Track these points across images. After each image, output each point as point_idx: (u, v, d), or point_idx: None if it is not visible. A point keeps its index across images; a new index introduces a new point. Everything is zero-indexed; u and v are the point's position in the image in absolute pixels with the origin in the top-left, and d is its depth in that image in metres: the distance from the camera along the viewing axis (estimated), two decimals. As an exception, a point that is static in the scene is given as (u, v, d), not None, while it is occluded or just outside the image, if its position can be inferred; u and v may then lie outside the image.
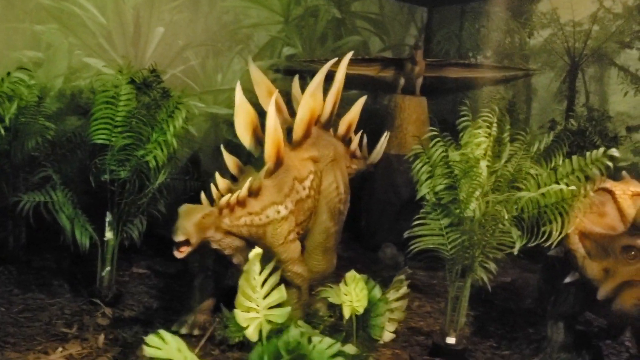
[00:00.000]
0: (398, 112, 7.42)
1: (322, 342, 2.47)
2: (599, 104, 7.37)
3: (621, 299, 3.63)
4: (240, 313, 2.36)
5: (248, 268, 2.40)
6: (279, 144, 4.16)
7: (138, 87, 4.92)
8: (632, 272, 3.55)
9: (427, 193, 4.25)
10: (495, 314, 5.68)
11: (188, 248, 3.66)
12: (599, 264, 3.79)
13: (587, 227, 3.91)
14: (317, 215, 4.65)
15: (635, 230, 3.56)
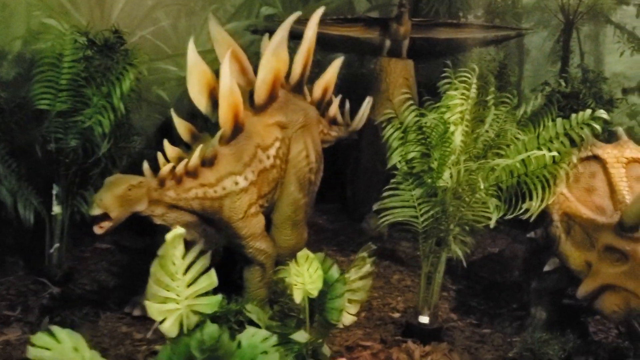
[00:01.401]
0: (383, 76, 7.01)
1: (256, 336, 2.16)
2: (594, 65, 6.96)
3: (602, 302, 3.30)
4: (154, 305, 2.03)
5: (163, 252, 2.06)
6: (236, 107, 3.78)
7: (99, 49, 4.54)
8: (614, 276, 3.21)
9: (399, 161, 3.90)
10: (480, 287, 5.39)
11: (109, 223, 3.31)
12: (581, 255, 3.44)
13: (572, 207, 3.53)
14: (285, 187, 4.30)
15: (622, 231, 3.17)
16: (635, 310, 3.10)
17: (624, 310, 3.17)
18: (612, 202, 3.41)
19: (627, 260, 3.15)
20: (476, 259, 6.30)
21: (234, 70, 4.33)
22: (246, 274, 4.05)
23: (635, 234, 3.11)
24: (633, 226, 3.09)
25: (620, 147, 3.69)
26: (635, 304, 3.09)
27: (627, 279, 3.14)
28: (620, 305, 3.19)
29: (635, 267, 3.11)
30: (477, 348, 4.03)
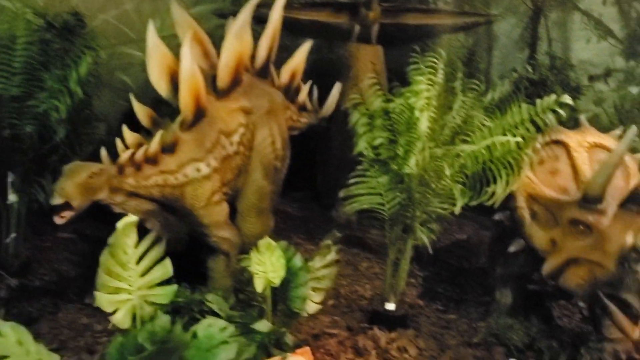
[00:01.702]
0: (352, 62, 6.94)
1: (212, 326, 2.10)
2: (562, 52, 6.99)
3: (566, 277, 3.31)
4: (104, 295, 1.95)
5: (114, 241, 1.98)
6: (197, 92, 3.67)
7: (59, 32, 4.37)
8: (578, 249, 3.22)
9: (365, 148, 3.85)
10: (447, 274, 5.40)
11: (70, 213, 3.21)
12: (546, 234, 3.45)
13: (537, 189, 3.54)
14: (250, 174, 4.21)
15: (585, 203, 3.18)
16: (600, 279, 3.11)
17: (588, 282, 3.18)
18: (576, 183, 3.43)
19: (591, 232, 3.18)
20: (443, 245, 6.31)
21: (196, 53, 4.22)
22: (210, 263, 3.98)
23: (599, 205, 3.13)
24: (596, 197, 3.13)
25: (582, 132, 3.73)
26: (600, 274, 3.11)
27: (591, 250, 3.17)
28: (584, 277, 3.20)
29: (598, 238, 3.14)
30: (443, 334, 4.03)
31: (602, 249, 3.10)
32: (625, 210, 3.10)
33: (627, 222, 3.08)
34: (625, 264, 2.99)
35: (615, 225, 3.09)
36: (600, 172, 3.08)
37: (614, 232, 3.08)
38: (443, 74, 4.00)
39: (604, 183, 3.08)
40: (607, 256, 3.07)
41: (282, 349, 2.84)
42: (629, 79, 6.58)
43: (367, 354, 3.65)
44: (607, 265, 3.07)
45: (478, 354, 3.72)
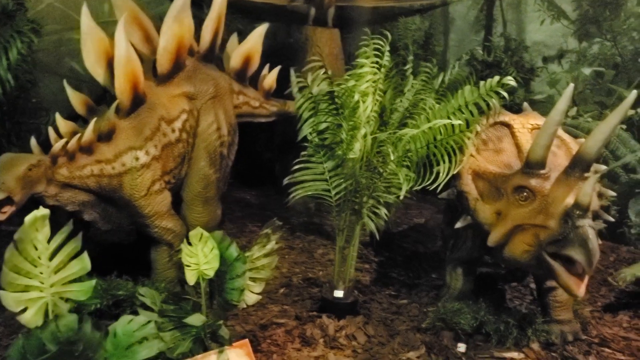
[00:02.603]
0: (309, 45, 6.83)
1: (132, 323, 2.00)
2: (516, 34, 6.99)
3: (512, 245, 3.28)
4: (9, 294, 1.84)
5: (20, 236, 1.86)
6: (134, 77, 3.53)
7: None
8: (523, 215, 3.19)
9: (310, 133, 3.76)
10: (402, 258, 5.37)
11: (11, 208, 3.06)
12: (491, 207, 3.43)
13: (481, 166, 3.53)
14: (195, 161, 4.09)
15: (528, 169, 3.18)
16: (545, 240, 3.08)
17: (534, 246, 3.15)
18: (519, 160, 3.43)
19: (534, 197, 3.17)
20: (401, 230, 6.30)
21: (136, 37, 4.08)
22: (153, 255, 3.87)
23: (541, 170, 3.13)
24: (538, 162, 3.13)
25: (525, 116, 3.75)
26: (544, 235, 3.08)
27: (535, 214, 3.14)
28: (530, 243, 3.17)
29: (541, 202, 3.13)
30: (393, 319, 3.99)
31: (547, 212, 3.08)
32: (568, 175, 3.08)
33: (569, 186, 3.07)
34: (569, 220, 2.97)
35: (558, 189, 3.08)
36: (540, 136, 3.08)
37: (557, 195, 3.06)
38: (389, 56, 3.93)
39: (546, 145, 3.08)
40: (552, 217, 3.05)
41: (219, 342, 2.76)
42: (581, 59, 6.61)
43: (315, 343, 3.59)
44: (551, 226, 3.04)
45: (427, 339, 3.69)
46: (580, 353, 3.65)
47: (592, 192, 2.98)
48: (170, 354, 2.66)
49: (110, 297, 3.57)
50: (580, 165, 3.05)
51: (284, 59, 6.35)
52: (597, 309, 4.42)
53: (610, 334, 4.01)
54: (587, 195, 2.89)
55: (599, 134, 2.97)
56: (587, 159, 3.03)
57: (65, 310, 1.98)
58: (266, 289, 4.35)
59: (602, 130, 2.97)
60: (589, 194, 2.90)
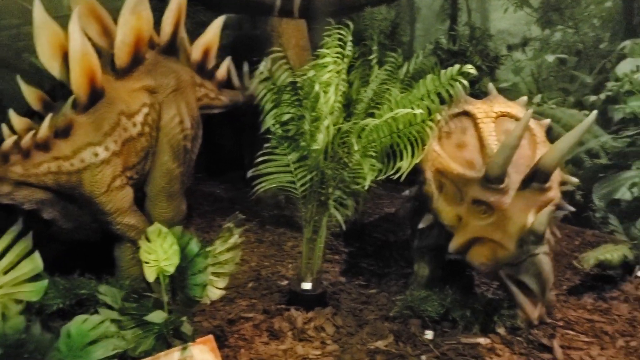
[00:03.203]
0: (275, 37, 6.78)
1: (86, 323, 1.95)
2: (481, 22, 7.01)
3: (472, 254, 3.32)
4: (-48, 297, 1.78)
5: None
6: (90, 71, 3.45)
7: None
8: (482, 229, 3.21)
9: (273, 124, 3.73)
10: (372, 248, 5.38)
11: None
12: (453, 210, 3.44)
13: (444, 163, 3.49)
14: (158, 156, 4.03)
15: (487, 183, 3.16)
16: (501, 260, 3.13)
17: (491, 261, 3.20)
18: (482, 156, 3.40)
19: (493, 212, 3.17)
20: (372, 220, 6.31)
21: (93, 31, 3.99)
22: (117, 252, 3.81)
23: (500, 185, 3.12)
24: (497, 178, 3.10)
25: (489, 102, 3.67)
26: (501, 254, 3.12)
27: (493, 230, 3.17)
28: (488, 257, 3.21)
29: (500, 218, 3.13)
30: (362, 309, 3.99)
31: (504, 229, 3.10)
32: (527, 189, 3.10)
33: (528, 202, 3.09)
34: (524, 246, 3.00)
35: (516, 205, 3.09)
36: (499, 154, 3.05)
37: (515, 212, 3.08)
38: (352, 46, 3.91)
39: (503, 164, 3.05)
40: (508, 236, 3.07)
41: (182, 339, 2.72)
42: (544, 47, 6.67)
43: (283, 336, 3.58)
44: (508, 246, 3.07)
45: (395, 328, 3.70)
46: (545, 336, 3.70)
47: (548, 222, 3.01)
48: (133, 352, 2.62)
49: (73, 296, 3.51)
50: (539, 178, 3.08)
51: (250, 50, 6.30)
52: (562, 293, 4.49)
53: (574, 316, 4.07)
54: (542, 225, 2.93)
55: (557, 151, 3.01)
56: (545, 171, 3.06)
57: (16, 311, 1.92)
58: (234, 283, 4.33)
59: (560, 147, 3.01)
60: (544, 223, 2.94)
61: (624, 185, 6.03)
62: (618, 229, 4.97)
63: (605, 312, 4.19)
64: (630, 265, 4.68)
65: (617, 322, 4.05)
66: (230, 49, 7.59)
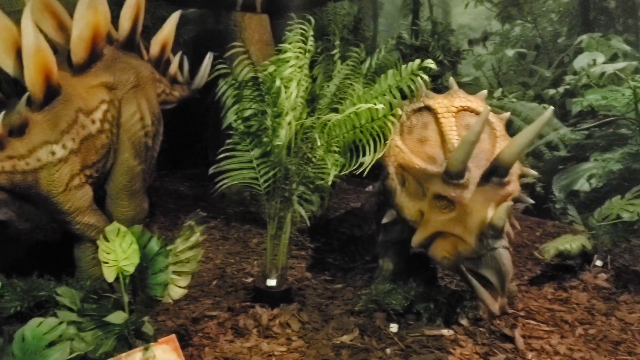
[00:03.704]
0: (238, 32, 6.74)
1: (41, 326, 1.91)
2: (442, 17, 7.09)
3: (434, 248, 3.35)
4: None
5: None
6: (45, 68, 3.35)
7: None
8: (443, 223, 3.24)
9: (234, 120, 3.70)
10: (338, 243, 5.40)
11: None
12: (415, 205, 3.47)
13: (406, 158, 3.51)
14: (118, 154, 3.95)
15: (448, 178, 3.20)
16: (462, 254, 3.17)
17: (453, 255, 3.23)
18: (443, 151, 3.42)
19: (454, 207, 3.20)
20: (338, 215, 6.33)
21: (48, 26, 3.89)
22: (77, 252, 3.73)
23: (460, 180, 3.15)
24: (457, 173, 3.13)
25: (450, 96, 3.69)
26: (462, 249, 3.16)
27: (454, 225, 3.20)
28: (449, 251, 3.25)
29: (461, 213, 3.17)
30: (328, 304, 4.00)
31: (464, 224, 3.14)
32: (487, 183, 3.14)
33: (488, 196, 3.12)
34: (484, 240, 3.04)
35: (476, 200, 3.12)
36: (459, 149, 3.07)
37: (475, 207, 3.11)
38: (314, 41, 3.91)
39: (463, 160, 3.08)
40: (469, 231, 3.11)
41: (143, 339, 2.68)
42: (504, 41, 6.78)
43: (248, 334, 3.56)
44: (468, 241, 3.11)
45: (360, 322, 3.72)
46: (507, 326, 3.77)
47: (507, 216, 3.05)
48: (93, 354, 2.57)
49: (32, 298, 3.43)
50: (498, 172, 3.12)
51: (213, 45, 6.24)
52: (523, 283, 4.58)
53: (535, 306, 4.16)
54: (501, 220, 2.97)
55: (516, 146, 3.04)
56: (504, 166, 3.10)
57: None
58: (198, 282, 4.30)
59: (518, 141, 3.04)
60: (503, 218, 2.98)
61: (582, 177, 6.18)
62: (577, 220, 5.08)
63: (565, 301, 4.29)
64: (588, 255, 4.80)
65: (576, 310, 4.15)
66: (193, 44, 7.53)
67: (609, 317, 4.06)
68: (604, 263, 4.81)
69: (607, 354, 3.58)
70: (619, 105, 6.03)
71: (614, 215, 4.76)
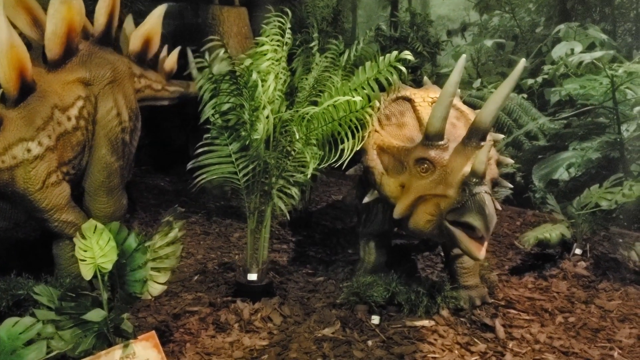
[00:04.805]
0: (216, 25, 6.71)
1: (17, 326, 1.88)
2: (421, 8, 7.09)
3: (416, 216, 3.35)
4: None
5: None
6: (19, 64, 3.30)
7: None
8: (424, 186, 3.26)
9: (212, 114, 3.67)
10: (319, 236, 5.41)
11: None
12: (396, 180, 3.48)
13: (385, 141, 3.57)
14: (95, 150, 3.91)
15: (427, 141, 3.23)
16: (445, 209, 3.16)
17: (436, 216, 3.23)
18: (421, 133, 3.49)
19: (434, 168, 3.23)
20: (319, 208, 6.34)
21: (22, 21, 3.83)
22: (56, 250, 3.69)
23: (440, 142, 3.20)
24: (436, 133, 3.18)
25: (426, 90, 3.81)
26: (444, 204, 3.16)
27: (435, 185, 3.21)
28: (432, 213, 3.24)
29: (441, 172, 3.19)
30: (309, 298, 4.01)
31: (446, 182, 3.16)
32: (466, 145, 3.16)
33: (467, 155, 3.15)
34: (467, 189, 3.04)
35: (456, 159, 3.16)
36: (436, 109, 3.13)
37: (455, 165, 3.14)
38: (291, 34, 3.89)
39: (441, 118, 3.13)
40: (451, 187, 3.12)
41: (123, 336, 2.67)
42: (483, 32, 6.81)
43: (229, 329, 3.55)
44: (451, 195, 3.12)
45: (342, 314, 3.73)
46: (487, 316, 3.80)
47: (487, 159, 3.07)
48: (72, 352, 2.55)
49: (10, 297, 3.41)
50: (476, 134, 3.13)
51: (192, 39, 6.19)
52: (504, 273, 4.62)
53: (516, 295, 4.20)
54: (482, 164, 2.98)
55: (492, 104, 3.05)
56: (482, 128, 3.11)
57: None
58: (179, 277, 4.28)
59: (494, 100, 3.05)
60: (484, 162, 2.98)
61: (561, 166, 6.24)
62: (556, 209, 5.13)
63: (545, 290, 4.34)
64: (568, 244, 4.86)
65: (556, 299, 4.20)
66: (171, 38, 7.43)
67: (589, 305, 4.12)
68: (583, 251, 4.87)
69: (586, 341, 3.63)
70: (596, 94, 6.09)
71: (592, 203, 4.82)
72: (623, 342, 3.63)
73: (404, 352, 3.33)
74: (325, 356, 3.26)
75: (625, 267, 4.73)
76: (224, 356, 3.26)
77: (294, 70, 4.19)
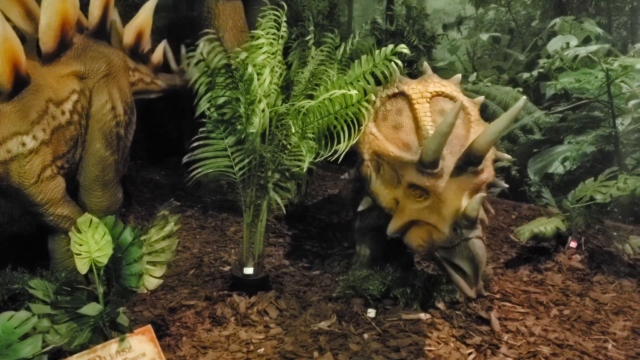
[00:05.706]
0: (212, 18, 6.67)
1: (12, 320, 1.88)
2: (417, 1, 7.07)
3: (409, 236, 3.37)
4: None
5: None
6: (13, 57, 3.27)
7: None
8: (418, 212, 3.26)
9: (208, 108, 3.66)
10: (316, 230, 5.41)
11: None
12: (390, 193, 3.48)
13: (381, 146, 3.51)
14: (90, 144, 3.89)
15: (422, 167, 3.19)
16: (437, 242, 3.19)
17: (428, 244, 3.26)
18: (417, 138, 3.43)
19: (428, 196, 3.21)
20: (316, 201, 6.34)
21: (16, 14, 3.81)
22: (51, 244, 3.68)
23: (434, 170, 3.15)
24: (431, 163, 3.13)
25: (424, 82, 3.68)
26: (437, 237, 3.18)
27: (428, 213, 3.21)
28: (424, 239, 3.27)
29: (435, 202, 3.18)
30: (305, 291, 4.01)
31: (439, 213, 3.15)
32: (461, 172, 3.15)
33: (462, 185, 3.13)
34: (458, 230, 3.06)
35: (450, 188, 3.13)
36: (432, 140, 3.05)
37: (449, 196, 3.12)
38: (287, 27, 3.88)
39: (436, 150, 3.07)
40: (443, 220, 3.12)
41: (119, 330, 2.67)
42: (479, 26, 6.80)
43: (226, 322, 3.55)
44: (442, 230, 3.12)
45: (338, 308, 3.74)
46: (483, 309, 3.81)
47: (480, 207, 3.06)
48: (68, 346, 2.55)
49: (6, 291, 3.40)
50: (471, 161, 3.13)
51: (187, 32, 6.17)
52: (499, 266, 4.64)
53: (511, 288, 4.22)
54: (474, 210, 2.98)
55: (489, 135, 3.03)
56: (477, 155, 3.10)
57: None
58: (175, 271, 4.28)
59: (492, 131, 3.02)
60: (477, 209, 2.99)
61: (556, 160, 6.26)
62: (551, 202, 5.15)
63: (540, 283, 4.36)
64: (563, 237, 4.88)
65: (551, 292, 4.22)
66: (166, 31, 7.41)
67: (583, 298, 4.14)
68: (578, 244, 4.89)
69: (581, 334, 3.65)
70: (592, 88, 6.10)
71: (587, 197, 4.83)
72: (617, 334, 3.65)
73: (400, 345, 3.35)
74: (322, 349, 3.27)
75: (620, 260, 4.75)
76: (220, 350, 3.27)
77: (290, 64, 4.18)
